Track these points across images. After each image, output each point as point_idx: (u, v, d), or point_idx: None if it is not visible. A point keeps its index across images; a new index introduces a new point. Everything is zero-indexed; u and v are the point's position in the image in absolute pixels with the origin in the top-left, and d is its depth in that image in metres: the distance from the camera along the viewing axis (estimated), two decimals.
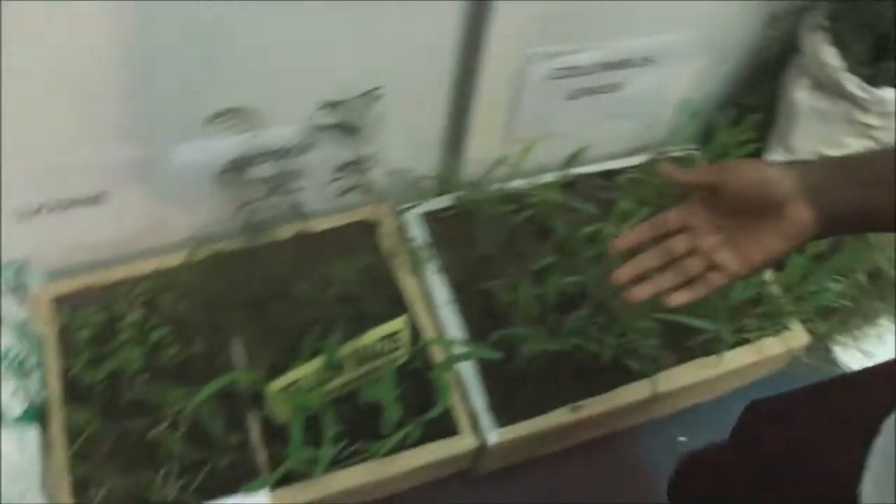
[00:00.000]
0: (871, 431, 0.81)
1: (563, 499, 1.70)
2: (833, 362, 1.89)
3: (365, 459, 1.45)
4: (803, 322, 1.69)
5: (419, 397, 1.49)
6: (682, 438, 1.79)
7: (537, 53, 1.54)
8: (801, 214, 0.84)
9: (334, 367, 1.40)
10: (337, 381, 1.44)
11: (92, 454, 1.44)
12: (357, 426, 1.46)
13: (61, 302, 1.59)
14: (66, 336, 1.55)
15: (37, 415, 1.48)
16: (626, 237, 0.99)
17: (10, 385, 1.46)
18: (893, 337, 1.81)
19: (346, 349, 1.39)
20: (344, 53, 1.39)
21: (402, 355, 1.49)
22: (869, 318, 1.83)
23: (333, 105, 1.45)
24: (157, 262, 1.62)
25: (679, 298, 0.95)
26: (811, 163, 0.90)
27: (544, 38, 1.52)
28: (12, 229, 1.51)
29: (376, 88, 1.45)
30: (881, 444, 0.78)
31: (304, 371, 1.38)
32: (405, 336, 1.46)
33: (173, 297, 1.58)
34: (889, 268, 1.66)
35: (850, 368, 1.89)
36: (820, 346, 1.82)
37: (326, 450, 1.40)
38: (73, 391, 1.50)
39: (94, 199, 1.51)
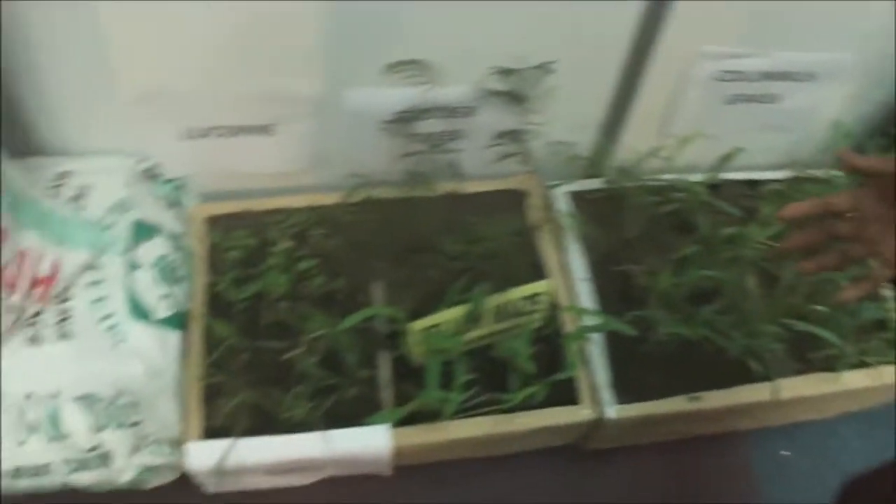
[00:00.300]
0: None
1: (660, 489, 1.74)
2: None
3: (487, 413, 1.50)
4: None
5: (547, 363, 1.53)
6: (785, 453, 1.81)
7: (708, 53, 1.58)
8: None
9: (475, 319, 1.46)
10: (474, 333, 1.49)
11: (226, 366, 1.51)
12: (485, 380, 1.50)
13: (214, 222, 1.68)
14: (215, 254, 1.63)
15: (180, 321, 1.56)
16: (796, 206, 1.00)
17: (160, 289, 1.54)
18: None
19: (490, 302, 1.45)
20: (524, 24, 1.45)
21: (539, 318, 1.53)
22: None
23: (506, 72, 1.52)
24: (312, 199, 1.70)
25: (849, 294, 0.97)
26: None
27: (717, 38, 1.57)
28: (180, 147, 1.60)
29: (550, 62, 1.51)
30: None
31: (447, 316, 1.43)
32: (545, 299, 1.51)
33: (323, 233, 1.66)
34: None
35: None
36: None
37: (456, 394, 1.45)
38: (216, 306, 1.58)
39: (263, 130, 1.59)
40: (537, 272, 1.65)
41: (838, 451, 1.84)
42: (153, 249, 1.57)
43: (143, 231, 1.57)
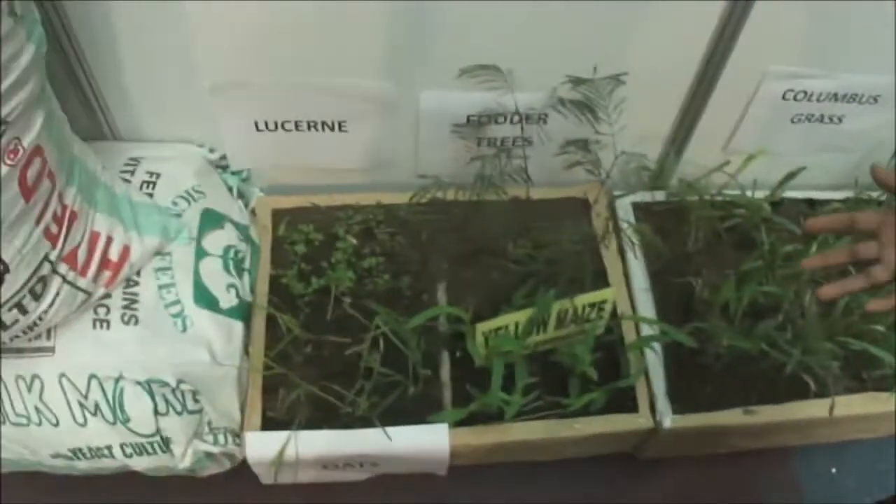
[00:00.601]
0: None
1: (710, 501, 1.76)
2: None
3: (545, 417, 1.52)
4: None
5: (606, 371, 1.55)
6: (834, 471, 1.83)
7: (775, 72, 1.60)
8: None
9: (539, 323, 1.48)
10: (537, 337, 1.52)
11: (289, 359, 1.55)
12: (545, 384, 1.53)
13: (281, 215, 1.71)
14: (280, 247, 1.66)
15: (245, 312, 1.59)
16: (819, 220, 1.03)
17: (226, 279, 1.57)
18: None
19: (555, 308, 1.47)
20: (599, 33, 1.47)
21: (601, 325, 1.55)
22: None
23: (578, 81, 1.53)
24: (379, 197, 1.73)
25: (877, 305, 0.98)
26: None
27: (784, 58, 1.58)
28: (252, 139, 1.62)
29: (622, 73, 1.53)
30: None
31: (511, 319, 1.45)
32: (609, 307, 1.53)
33: (390, 231, 1.69)
34: None
35: None
36: None
37: (518, 397, 1.47)
38: (281, 298, 1.61)
39: (334, 126, 1.61)
40: (600, 280, 1.67)
41: (887, 471, 1.86)
42: (221, 239, 1.60)
43: (212, 220, 1.60)
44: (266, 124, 1.59)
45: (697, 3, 1.44)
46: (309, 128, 1.61)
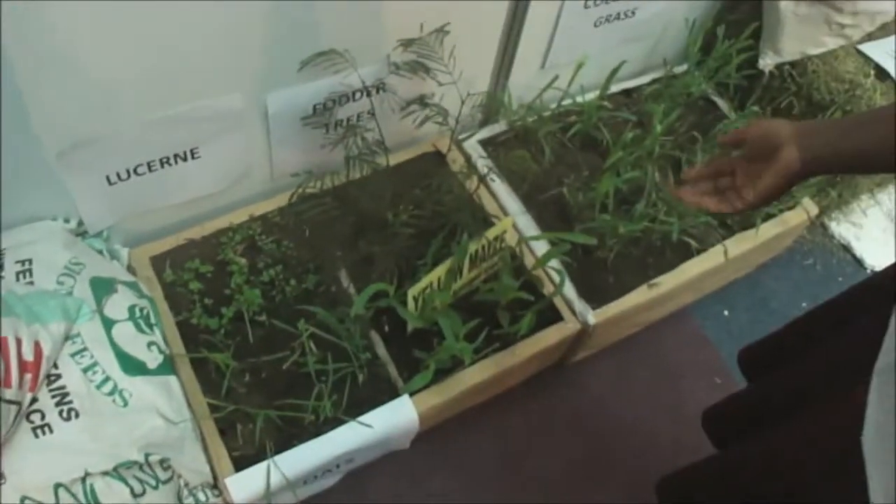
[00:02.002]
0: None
1: (640, 377, 1.93)
2: (830, 236, 2.19)
3: (487, 356, 1.59)
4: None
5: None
6: (726, 313, 2.06)
7: None
8: (789, 153, 1.06)
9: (456, 271, 1.54)
10: (457, 285, 1.58)
11: (232, 394, 1.52)
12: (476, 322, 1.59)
13: (159, 261, 1.65)
14: (173, 292, 1.61)
15: (173, 365, 1.54)
16: (691, 171, 1.23)
17: (143, 339, 1.51)
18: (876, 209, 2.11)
19: (470, 250, 1.53)
20: None
21: (506, 255, 1.63)
22: (855, 193, 2.14)
23: (408, 42, 1.59)
24: (251, 210, 1.71)
25: (708, 202, 1.18)
26: (811, 119, 1.16)
27: None
28: (108, 195, 1.56)
29: (446, 24, 1.60)
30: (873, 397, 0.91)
31: (435, 275, 1.51)
32: (508, 237, 1.61)
33: (275, 239, 1.68)
34: None
35: (843, 239, 2.23)
36: (818, 222, 2.11)
37: (465, 344, 1.52)
38: (198, 339, 1.56)
39: (186, 155, 1.58)
40: (480, 220, 1.75)
41: (765, 296, 2.12)
42: (120, 302, 1.53)
43: (103, 286, 1.53)
44: (118, 175, 1.54)
45: None
46: (162, 165, 1.57)
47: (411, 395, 1.53)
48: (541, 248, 1.71)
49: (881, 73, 2.00)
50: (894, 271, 1.20)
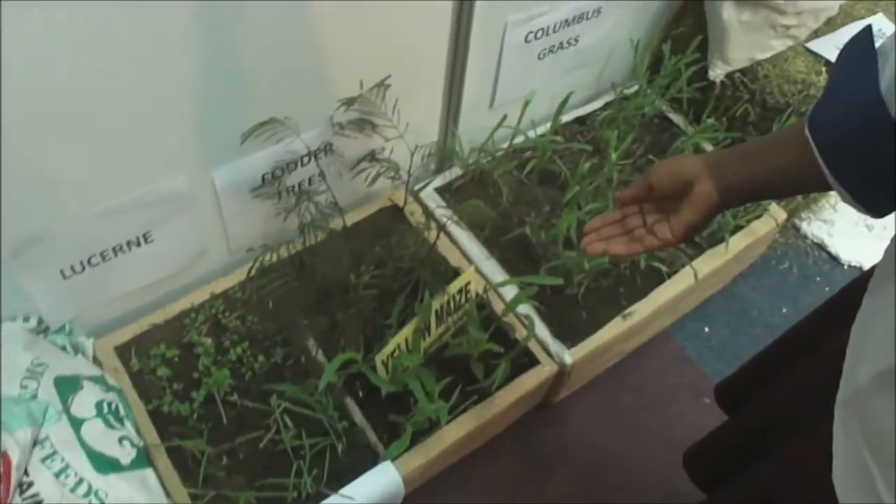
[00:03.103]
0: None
1: (625, 408, 1.89)
2: (802, 237, 2.17)
3: (467, 409, 1.57)
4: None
5: (495, 342, 1.60)
6: (706, 329, 2.03)
7: (514, 21, 1.71)
8: (704, 188, 1.02)
9: (423, 329, 1.52)
10: (426, 343, 1.55)
11: (211, 480, 1.48)
12: (451, 380, 1.56)
13: (124, 350, 1.62)
14: (142, 380, 1.58)
15: (147, 457, 1.51)
16: (595, 221, 1.17)
17: (114, 434, 1.49)
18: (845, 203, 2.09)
19: (434, 307, 1.51)
20: (353, 55, 1.51)
21: (473, 306, 1.61)
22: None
23: (349, 101, 1.56)
24: (212, 288, 1.69)
25: (617, 248, 1.13)
26: (716, 150, 1.13)
27: (518, 6, 1.70)
28: (65, 290, 1.53)
29: (385, 78, 1.57)
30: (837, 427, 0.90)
31: (402, 337, 1.48)
32: (473, 287, 1.59)
33: (238, 315, 1.65)
34: None
35: (816, 238, 2.21)
36: (789, 224, 2.09)
37: (441, 403, 1.50)
38: (171, 427, 1.53)
39: (139, 241, 1.55)
40: (446, 270, 1.73)
41: (744, 307, 2.10)
42: (87, 399, 1.50)
43: (68, 385, 1.50)
44: (73, 268, 1.51)
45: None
46: (116, 253, 1.54)
47: (393, 459, 1.50)
48: (509, 291, 1.69)
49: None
50: (857, 284, 1.17)
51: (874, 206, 0.85)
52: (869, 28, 0.85)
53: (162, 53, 1.24)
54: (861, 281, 1.03)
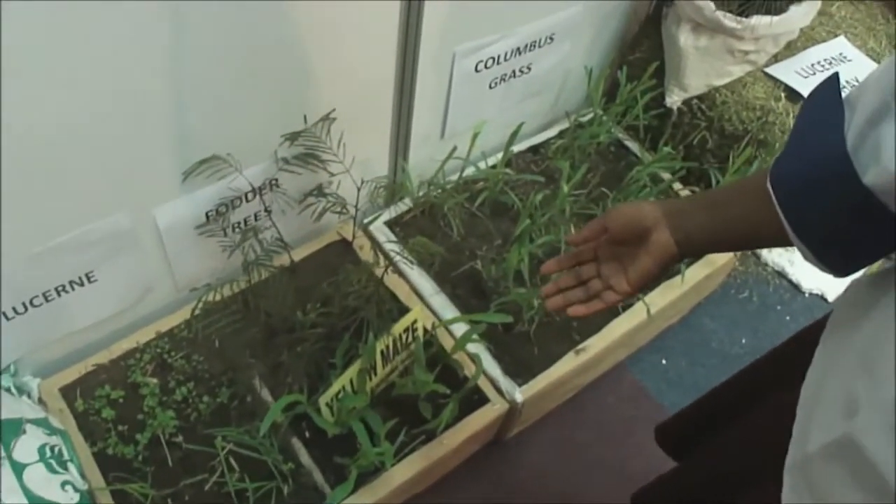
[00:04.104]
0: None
1: (581, 443, 1.86)
2: (763, 264, 2.16)
3: (414, 449, 1.55)
4: None
5: (441, 379, 1.59)
6: (664, 361, 2.00)
7: (461, 51, 1.69)
8: (661, 237, 1.00)
9: (369, 369, 1.50)
10: (372, 382, 1.53)
11: None
12: (399, 420, 1.55)
13: (69, 391, 1.60)
14: (87, 422, 1.56)
15: (90, 500, 1.48)
16: (550, 264, 1.16)
17: (56, 479, 1.46)
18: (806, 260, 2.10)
19: (377, 349, 1.49)
20: (295, 88, 1.49)
21: (420, 344, 1.58)
22: None
23: (294, 135, 1.55)
24: (157, 326, 1.66)
25: (577, 311, 1.11)
26: (677, 198, 1.09)
27: (465, 36, 1.68)
28: (4, 331, 1.51)
29: (331, 111, 1.55)
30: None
31: (346, 378, 1.46)
32: (420, 325, 1.57)
33: (183, 355, 1.63)
34: None
35: (776, 265, 2.20)
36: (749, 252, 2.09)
37: (387, 445, 1.48)
38: (116, 469, 1.51)
39: (83, 281, 1.53)
40: (394, 305, 1.70)
41: (703, 338, 2.07)
42: (29, 443, 1.47)
43: (10, 429, 1.48)
44: (14, 310, 1.48)
45: (374, 18, 1.49)
46: (59, 293, 1.51)
47: (338, 503, 1.48)
48: (459, 327, 1.66)
49: (792, 95, 1.95)
50: (811, 331, 1.14)
51: (836, 265, 0.81)
52: (836, 76, 0.81)
53: (99, 89, 1.21)
54: (816, 328, 0.98)
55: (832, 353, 0.82)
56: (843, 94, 0.79)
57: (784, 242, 0.85)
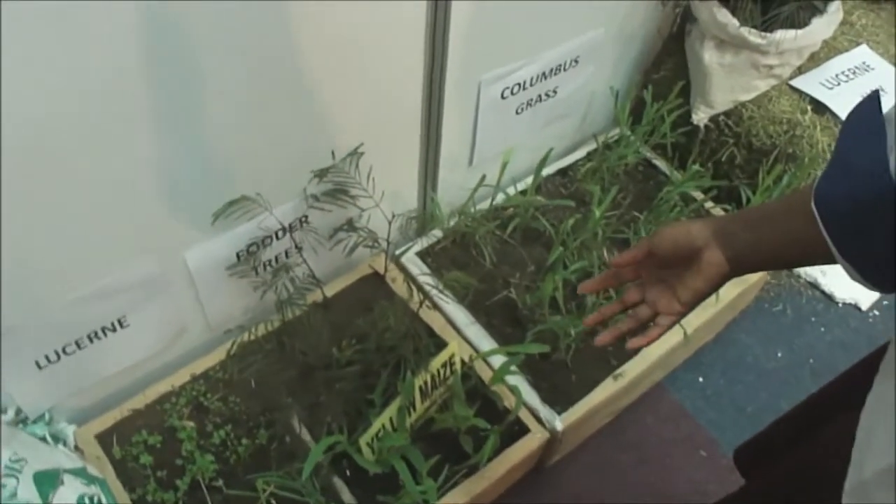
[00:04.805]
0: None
1: (622, 467, 1.85)
2: (795, 276, 2.13)
3: (457, 484, 1.53)
4: None
5: (481, 412, 1.58)
6: (701, 380, 1.99)
7: (488, 78, 1.68)
8: (713, 257, 0.97)
9: (408, 406, 1.48)
10: (412, 419, 1.52)
11: None
12: (441, 455, 1.53)
13: (106, 437, 1.58)
14: (125, 469, 1.54)
15: None
16: (589, 284, 1.15)
17: None
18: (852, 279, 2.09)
19: (415, 386, 1.47)
20: (321, 124, 1.48)
21: (458, 378, 1.57)
22: None
23: (322, 172, 1.54)
24: (192, 369, 1.65)
25: (637, 343, 1.09)
26: (724, 215, 1.09)
27: (490, 65, 1.67)
28: (38, 381, 1.50)
29: (358, 146, 1.54)
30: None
31: (386, 416, 1.45)
32: (457, 359, 1.55)
33: (220, 396, 1.61)
34: None
35: (809, 276, 2.19)
36: None
37: (430, 482, 1.47)
38: None
39: (114, 326, 1.52)
40: (431, 338, 1.69)
41: (738, 354, 2.06)
42: (68, 494, 1.46)
43: (48, 480, 1.47)
44: (47, 358, 1.47)
45: (400, 50, 1.48)
46: (91, 340, 1.50)
47: None
48: (496, 358, 1.65)
49: (818, 107, 1.94)
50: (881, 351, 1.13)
51: (881, 282, 0.80)
52: (876, 94, 0.80)
53: (127, 134, 1.21)
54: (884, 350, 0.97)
55: (886, 387, 0.81)
56: (884, 112, 0.78)
57: (831, 259, 0.84)
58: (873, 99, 0.80)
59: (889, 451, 0.74)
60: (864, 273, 0.81)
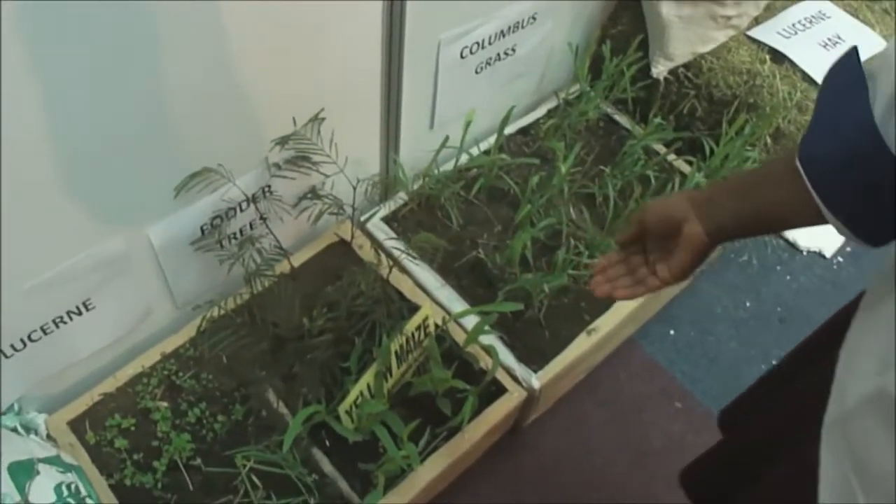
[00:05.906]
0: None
1: (599, 421, 1.85)
2: None
3: (436, 448, 1.53)
4: None
5: (458, 373, 1.56)
6: (672, 332, 2.00)
7: (447, 38, 1.66)
8: (693, 228, 1.00)
9: (384, 371, 1.47)
10: (389, 384, 1.51)
11: None
12: (421, 419, 1.52)
13: (78, 424, 1.55)
14: (100, 454, 1.51)
15: None
16: (602, 261, 1.17)
17: None
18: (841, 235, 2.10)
19: (391, 351, 1.46)
20: (283, 91, 1.45)
21: (433, 339, 1.56)
22: None
23: (283, 139, 1.51)
24: (161, 348, 1.62)
25: (621, 293, 1.12)
26: (705, 187, 1.11)
27: (448, 24, 1.65)
28: (5, 370, 1.46)
29: (319, 112, 1.52)
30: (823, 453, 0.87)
31: (363, 383, 1.44)
32: (431, 321, 1.54)
33: (192, 374, 1.59)
34: (787, 126, 1.90)
35: None
36: None
37: (411, 447, 1.46)
38: (136, 499, 1.47)
39: (80, 310, 1.48)
40: (402, 303, 1.68)
41: (707, 305, 2.08)
42: (44, 484, 1.43)
43: (23, 471, 1.43)
44: (13, 347, 1.43)
45: (357, 11, 1.45)
46: (57, 325, 1.47)
47: None
48: (469, 319, 1.64)
49: (776, 56, 1.95)
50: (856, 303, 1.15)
51: (872, 236, 0.81)
52: (855, 50, 0.81)
53: (80, 109, 1.17)
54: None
55: (868, 317, 0.82)
56: (864, 67, 0.79)
57: (817, 220, 0.85)
58: (851, 55, 0.81)
59: (872, 373, 0.75)
60: (853, 229, 0.81)
